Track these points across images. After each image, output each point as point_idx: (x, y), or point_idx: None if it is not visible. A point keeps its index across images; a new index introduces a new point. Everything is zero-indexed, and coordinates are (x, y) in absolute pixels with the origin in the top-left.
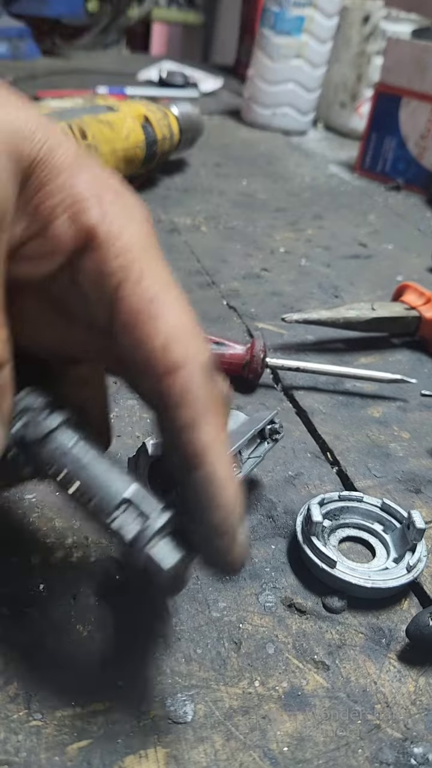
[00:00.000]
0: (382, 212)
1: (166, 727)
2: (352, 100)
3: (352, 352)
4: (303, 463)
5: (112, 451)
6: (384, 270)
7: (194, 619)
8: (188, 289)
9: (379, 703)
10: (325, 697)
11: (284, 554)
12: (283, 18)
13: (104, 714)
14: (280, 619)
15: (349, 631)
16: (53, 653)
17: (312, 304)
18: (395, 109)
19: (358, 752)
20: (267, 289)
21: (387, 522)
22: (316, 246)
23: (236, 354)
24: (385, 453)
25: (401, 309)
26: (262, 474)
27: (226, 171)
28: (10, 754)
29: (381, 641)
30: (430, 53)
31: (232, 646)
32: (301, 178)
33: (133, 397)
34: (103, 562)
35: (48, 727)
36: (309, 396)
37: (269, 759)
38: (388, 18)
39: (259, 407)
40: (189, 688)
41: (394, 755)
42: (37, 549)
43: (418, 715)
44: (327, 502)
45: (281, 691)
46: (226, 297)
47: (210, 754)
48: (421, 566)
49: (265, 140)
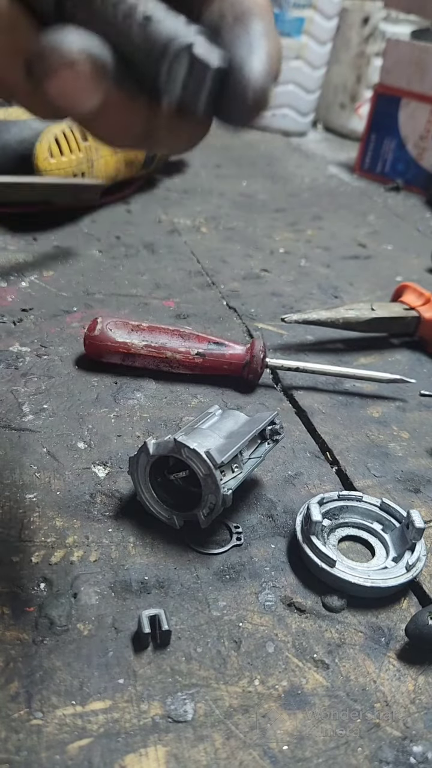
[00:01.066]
0: (381, 213)
1: (167, 725)
2: (352, 101)
3: (351, 352)
4: (303, 463)
5: (113, 450)
6: (383, 270)
7: (194, 618)
8: (188, 290)
9: (378, 701)
10: (325, 696)
11: (284, 553)
12: (282, 19)
13: (104, 713)
14: (280, 618)
15: (348, 630)
16: (53, 652)
17: (311, 305)
18: (395, 110)
19: (357, 751)
20: (267, 290)
21: (386, 521)
22: (315, 246)
23: (236, 354)
24: (385, 453)
25: (400, 309)
26: (262, 474)
27: (226, 172)
28: (11, 752)
29: (380, 640)
30: (429, 54)
31: (232, 645)
32: (301, 179)
33: (134, 397)
34: (104, 563)
35: (48, 726)
36: (309, 396)
37: (269, 757)
38: (387, 19)
39: (259, 407)
40: (189, 687)
41: (393, 754)
42: (37, 548)
43: (418, 713)
44: (326, 502)
45: (281, 690)
46: (226, 297)
47: (210, 752)
48: (420, 565)
49: (265, 141)
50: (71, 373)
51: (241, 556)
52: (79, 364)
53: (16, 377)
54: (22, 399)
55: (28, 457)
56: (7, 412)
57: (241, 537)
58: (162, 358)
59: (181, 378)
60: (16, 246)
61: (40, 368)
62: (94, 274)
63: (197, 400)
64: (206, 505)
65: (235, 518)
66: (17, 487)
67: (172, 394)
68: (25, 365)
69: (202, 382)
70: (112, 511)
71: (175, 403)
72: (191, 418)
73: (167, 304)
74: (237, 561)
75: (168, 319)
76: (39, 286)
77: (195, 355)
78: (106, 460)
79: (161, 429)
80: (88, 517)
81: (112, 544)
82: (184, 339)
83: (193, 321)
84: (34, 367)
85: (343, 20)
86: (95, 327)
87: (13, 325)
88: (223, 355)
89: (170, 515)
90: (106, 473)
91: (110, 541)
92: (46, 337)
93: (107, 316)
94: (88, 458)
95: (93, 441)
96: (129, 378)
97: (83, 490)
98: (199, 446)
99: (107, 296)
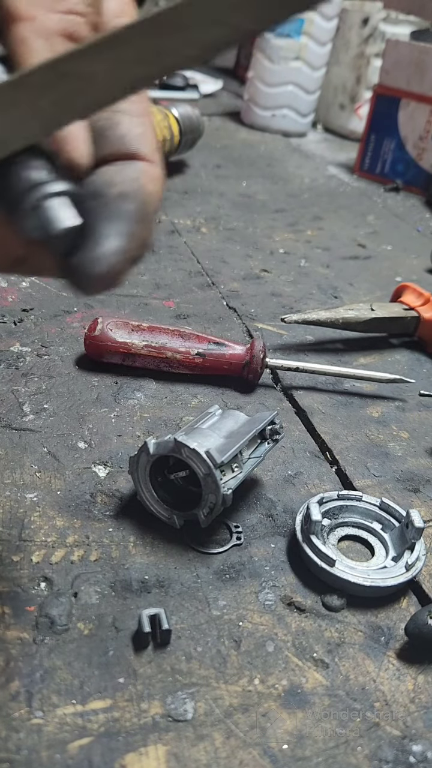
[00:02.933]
0: (381, 213)
1: (167, 724)
2: (352, 102)
3: (351, 352)
4: (302, 463)
5: (113, 450)
6: (383, 271)
7: (194, 617)
8: (188, 290)
9: (378, 701)
10: (325, 695)
11: (284, 553)
12: None
13: (105, 712)
14: (280, 618)
15: (348, 629)
16: (54, 652)
17: (311, 305)
18: (394, 110)
19: (357, 750)
20: (267, 290)
21: (386, 521)
22: (315, 247)
23: (236, 354)
24: (384, 452)
25: (400, 309)
26: (262, 473)
27: (226, 172)
28: (11, 752)
29: (380, 639)
30: (428, 55)
31: (232, 644)
32: (301, 180)
33: (134, 397)
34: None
35: (49, 725)
36: (308, 396)
37: (269, 757)
38: (387, 20)
39: (259, 407)
40: (189, 686)
41: (393, 753)
42: (38, 547)
43: (417, 713)
44: (326, 501)
45: (281, 689)
46: (226, 298)
47: (210, 751)
48: (420, 565)
49: (264, 142)
50: (72, 373)
51: (241, 556)
52: (80, 364)
53: (17, 377)
54: (22, 399)
55: (28, 457)
56: (8, 411)
57: (241, 536)
58: (162, 358)
59: (181, 378)
60: None
61: (41, 368)
62: None
63: (197, 400)
64: (206, 504)
65: (235, 518)
66: (18, 486)
67: (172, 394)
68: (26, 365)
69: (202, 382)
70: (113, 510)
71: (175, 403)
72: (191, 418)
73: (167, 304)
74: (237, 560)
75: (168, 319)
76: (39, 286)
77: (195, 355)
78: (107, 460)
79: (161, 429)
80: (89, 517)
81: (113, 544)
82: (184, 339)
83: (193, 321)
84: (35, 367)
85: (343, 21)
86: (96, 327)
87: (14, 325)
88: (223, 355)
89: (170, 515)
90: (107, 473)
91: (110, 540)
92: (47, 337)
93: (107, 317)
94: (89, 458)
95: (93, 441)
96: (129, 378)
97: (84, 490)
98: (199, 446)
99: (107, 296)
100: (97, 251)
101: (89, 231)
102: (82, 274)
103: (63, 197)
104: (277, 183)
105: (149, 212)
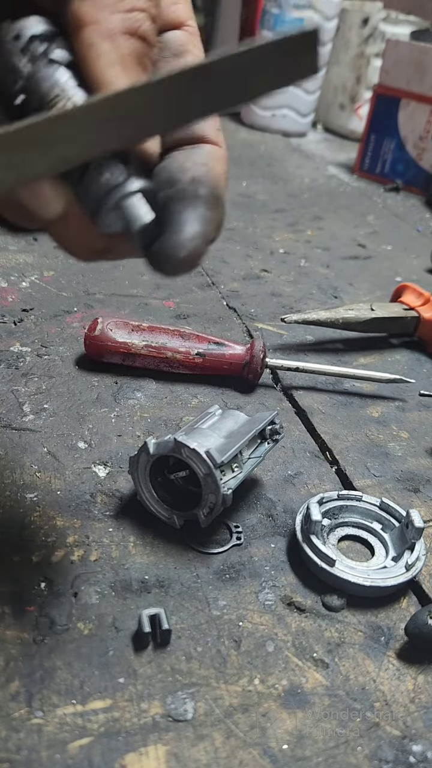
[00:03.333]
0: (381, 213)
1: (167, 724)
2: (352, 102)
3: (351, 352)
4: (302, 463)
5: (113, 450)
6: (383, 271)
7: (194, 617)
8: (188, 290)
9: (378, 701)
10: (325, 695)
11: (284, 553)
12: (282, 20)
13: (105, 712)
14: (280, 618)
15: (348, 629)
16: (54, 652)
17: (311, 305)
18: (394, 110)
19: (357, 750)
20: (267, 290)
21: (386, 521)
22: (315, 247)
23: (236, 354)
24: (384, 452)
25: (400, 309)
26: (262, 473)
27: None
28: (12, 752)
29: (380, 639)
30: (428, 55)
31: (232, 644)
32: (301, 180)
33: (134, 397)
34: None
35: (49, 725)
36: (308, 396)
37: (269, 756)
38: (387, 20)
39: (259, 407)
40: (189, 686)
41: (393, 753)
42: (38, 547)
43: (417, 713)
44: (326, 501)
45: (281, 689)
46: (226, 298)
47: (210, 751)
48: (420, 565)
49: (264, 142)
50: (72, 373)
51: (241, 556)
52: (80, 364)
53: (17, 377)
54: (22, 399)
55: (28, 457)
56: (8, 411)
57: (241, 536)
58: (162, 358)
59: (181, 378)
60: (16, 246)
61: (41, 368)
62: (95, 275)
63: (197, 400)
64: (206, 504)
65: (235, 518)
66: (18, 486)
67: (172, 394)
68: (26, 365)
69: (202, 382)
70: (113, 510)
71: (175, 403)
72: (191, 418)
73: (167, 304)
74: (237, 560)
75: (168, 319)
76: (40, 287)
77: (195, 355)
78: (107, 460)
79: (161, 429)
80: (89, 517)
81: (113, 544)
82: (184, 339)
83: (193, 321)
84: (35, 367)
85: (343, 21)
86: (96, 327)
87: (14, 325)
88: (223, 355)
89: (170, 515)
90: (107, 473)
91: (110, 540)
92: (47, 337)
93: (108, 317)
94: (89, 458)
95: (93, 441)
96: (129, 378)
97: (84, 490)
98: (199, 446)
99: (107, 296)
100: (179, 237)
101: (168, 218)
102: (166, 259)
103: (138, 194)
104: (277, 183)
105: (221, 194)
